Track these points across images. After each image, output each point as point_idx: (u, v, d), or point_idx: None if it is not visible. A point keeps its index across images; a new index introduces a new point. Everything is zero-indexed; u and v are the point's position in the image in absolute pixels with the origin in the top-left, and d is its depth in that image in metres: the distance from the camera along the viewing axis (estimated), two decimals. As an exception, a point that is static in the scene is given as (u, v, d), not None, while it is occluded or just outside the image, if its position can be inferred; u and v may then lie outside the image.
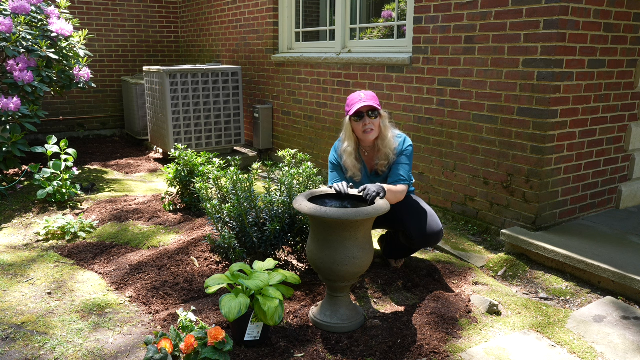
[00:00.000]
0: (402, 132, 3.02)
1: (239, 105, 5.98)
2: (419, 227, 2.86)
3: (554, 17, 3.20)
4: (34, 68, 4.76)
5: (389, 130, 2.87)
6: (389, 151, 2.86)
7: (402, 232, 2.95)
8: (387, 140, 2.85)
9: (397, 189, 2.76)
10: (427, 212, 2.93)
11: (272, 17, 5.95)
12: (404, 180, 2.83)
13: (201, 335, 2.19)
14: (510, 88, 3.52)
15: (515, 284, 3.18)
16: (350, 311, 2.53)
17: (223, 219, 3.12)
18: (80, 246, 3.57)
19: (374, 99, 2.83)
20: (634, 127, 3.88)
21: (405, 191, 2.82)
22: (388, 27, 5.03)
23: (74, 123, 7.64)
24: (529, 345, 2.40)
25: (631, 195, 4.02)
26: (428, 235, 2.87)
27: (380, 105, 2.83)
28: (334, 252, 2.36)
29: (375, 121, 2.81)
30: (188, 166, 4.04)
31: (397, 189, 2.77)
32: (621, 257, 3.09)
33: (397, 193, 2.75)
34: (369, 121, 2.80)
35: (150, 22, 7.97)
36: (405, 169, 2.86)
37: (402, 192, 2.80)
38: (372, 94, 2.86)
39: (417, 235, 2.87)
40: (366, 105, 2.76)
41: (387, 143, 2.85)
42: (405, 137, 2.96)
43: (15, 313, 2.68)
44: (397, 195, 2.76)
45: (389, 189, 2.64)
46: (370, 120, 2.80)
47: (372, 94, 2.85)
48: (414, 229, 2.87)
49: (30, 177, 4.96)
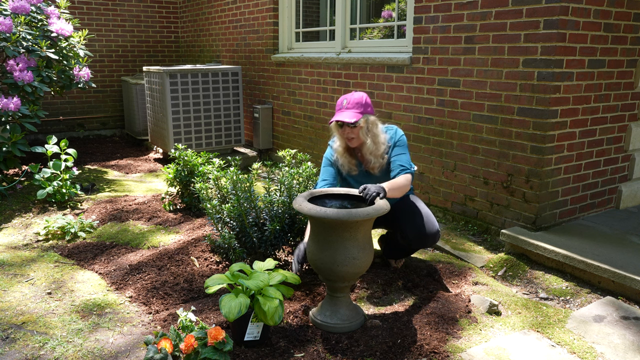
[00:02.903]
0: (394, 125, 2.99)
1: (239, 105, 5.98)
2: (415, 228, 2.86)
3: (554, 17, 3.20)
4: (34, 68, 4.75)
5: (372, 137, 2.80)
6: (372, 157, 2.83)
7: (399, 233, 2.96)
8: (367, 147, 2.81)
9: (399, 183, 2.70)
10: (423, 213, 2.91)
11: (272, 17, 5.95)
12: (405, 169, 2.79)
13: (201, 335, 2.19)
14: (510, 88, 3.52)
15: (515, 284, 3.18)
16: (350, 311, 2.53)
17: (223, 219, 3.12)
18: (80, 246, 3.57)
19: (356, 106, 2.76)
20: (634, 127, 3.88)
21: (410, 179, 2.76)
22: (388, 27, 5.03)
23: (74, 123, 7.64)
24: (529, 345, 2.40)
25: (631, 195, 4.02)
26: (424, 236, 2.86)
27: (362, 114, 2.75)
28: (334, 253, 2.36)
29: (355, 130, 2.77)
30: (188, 166, 4.04)
31: (399, 182, 2.71)
32: (621, 257, 3.09)
33: (400, 187, 2.69)
34: (349, 130, 2.78)
35: (150, 22, 7.97)
36: (403, 158, 2.83)
37: (406, 183, 2.73)
38: (357, 99, 2.78)
39: (414, 236, 2.87)
40: (340, 120, 2.73)
41: (370, 150, 2.81)
42: (396, 129, 2.92)
43: (15, 313, 2.68)
44: (402, 188, 2.70)
45: (390, 187, 2.59)
46: (350, 129, 2.77)
47: (356, 101, 2.78)
48: (410, 230, 2.87)
49: (30, 177, 4.96)
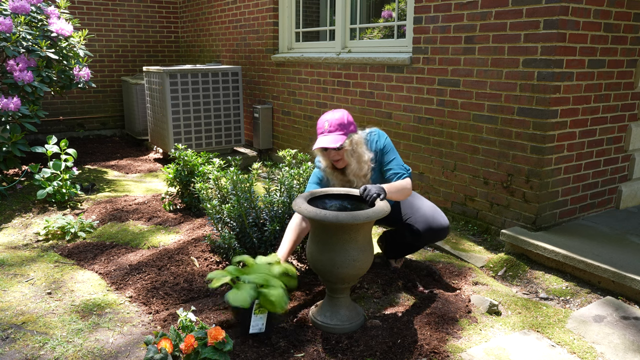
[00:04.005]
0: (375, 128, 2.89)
1: (239, 105, 5.98)
2: (425, 221, 2.83)
3: (554, 17, 3.20)
4: (34, 68, 4.75)
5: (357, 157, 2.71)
6: (356, 179, 2.75)
7: (408, 229, 2.92)
8: (351, 169, 2.73)
9: (399, 185, 2.67)
10: (432, 206, 2.91)
11: (272, 17, 5.95)
12: (401, 174, 2.75)
13: (201, 335, 2.19)
14: (510, 88, 3.52)
15: (515, 284, 3.18)
16: (350, 312, 2.52)
17: (223, 219, 3.12)
18: (80, 246, 3.57)
19: (339, 128, 2.63)
20: (634, 127, 3.88)
21: (410, 182, 2.73)
22: (388, 27, 5.03)
23: (74, 123, 7.64)
24: (529, 345, 2.40)
25: (631, 195, 4.02)
26: (435, 230, 2.82)
27: (345, 134, 2.62)
28: (334, 255, 2.35)
29: (340, 152, 2.68)
30: (188, 166, 4.04)
31: (400, 184, 2.68)
32: (621, 257, 3.09)
33: (401, 189, 2.66)
34: (334, 153, 2.69)
35: (150, 22, 7.97)
36: (394, 163, 2.78)
37: (407, 186, 2.70)
38: (339, 120, 2.65)
39: (425, 230, 2.82)
40: (323, 147, 2.62)
41: (354, 172, 2.74)
42: (379, 132, 2.83)
43: (15, 313, 2.68)
44: (403, 191, 2.67)
45: (390, 189, 2.57)
46: (336, 152, 2.69)
47: (337, 122, 2.64)
48: (421, 223, 2.84)
49: (30, 177, 4.95)
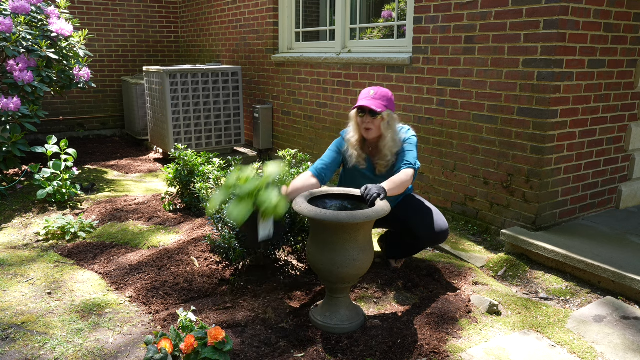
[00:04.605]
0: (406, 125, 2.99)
1: (239, 105, 5.98)
2: (426, 225, 2.84)
3: (554, 17, 3.20)
4: (34, 68, 4.75)
5: (392, 133, 2.81)
6: (388, 152, 2.82)
7: (408, 232, 2.94)
8: (387, 142, 2.81)
9: (399, 179, 2.65)
10: (432, 210, 2.92)
11: (272, 17, 5.95)
12: (409, 164, 2.77)
13: (201, 335, 2.19)
14: (510, 88, 3.52)
15: (515, 284, 3.18)
16: (350, 312, 2.52)
17: (223, 219, 3.12)
18: (80, 246, 3.57)
19: (382, 99, 2.78)
20: (634, 127, 3.88)
21: (410, 175, 2.73)
22: (388, 27, 5.03)
23: (74, 123, 7.64)
24: (529, 345, 2.40)
25: (631, 195, 4.02)
26: (436, 233, 2.85)
27: (386, 107, 2.77)
28: (334, 255, 2.35)
29: (376, 121, 2.78)
30: (188, 166, 4.04)
31: (400, 178, 2.67)
32: (621, 257, 3.09)
33: (400, 183, 2.64)
34: (369, 120, 2.78)
35: (150, 22, 7.97)
36: (410, 155, 2.82)
37: (406, 178, 2.69)
38: (384, 93, 2.81)
39: (425, 233, 2.85)
40: (366, 105, 2.75)
41: (387, 144, 2.81)
42: (409, 128, 2.94)
43: (15, 313, 2.68)
44: (402, 184, 2.66)
45: (390, 187, 2.56)
46: (371, 119, 2.78)
47: (383, 93, 2.80)
48: (421, 227, 2.85)
49: (30, 177, 4.95)
